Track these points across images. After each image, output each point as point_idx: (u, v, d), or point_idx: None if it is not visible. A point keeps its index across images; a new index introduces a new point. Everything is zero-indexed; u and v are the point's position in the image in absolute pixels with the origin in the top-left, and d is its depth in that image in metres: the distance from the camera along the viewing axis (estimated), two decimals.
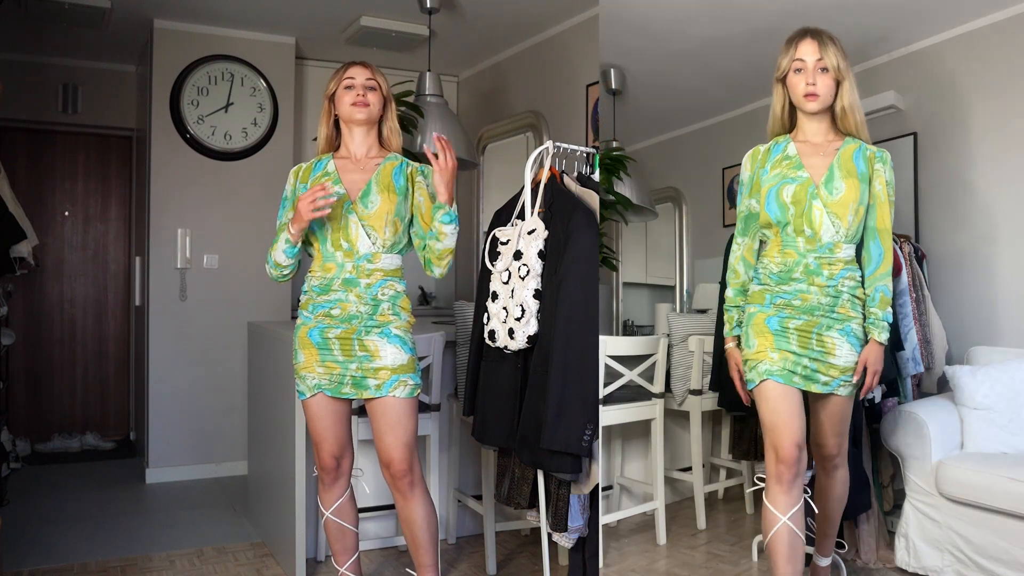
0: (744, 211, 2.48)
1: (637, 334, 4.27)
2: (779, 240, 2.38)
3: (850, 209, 2.30)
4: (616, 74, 4.08)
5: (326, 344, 2.37)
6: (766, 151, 2.44)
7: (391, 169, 2.46)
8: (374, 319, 2.37)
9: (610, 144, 4.06)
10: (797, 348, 2.32)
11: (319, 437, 2.45)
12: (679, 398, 3.63)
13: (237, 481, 4.46)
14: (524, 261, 2.59)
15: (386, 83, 2.51)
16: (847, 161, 2.33)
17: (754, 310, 2.40)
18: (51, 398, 5.42)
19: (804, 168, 2.35)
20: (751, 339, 2.38)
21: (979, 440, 2.98)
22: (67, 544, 3.45)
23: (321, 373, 2.38)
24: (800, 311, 2.33)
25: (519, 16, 4.42)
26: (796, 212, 2.32)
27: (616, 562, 3.19)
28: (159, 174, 4.63)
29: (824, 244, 2.31)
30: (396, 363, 2.37)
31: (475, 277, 3.14)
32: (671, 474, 3.73)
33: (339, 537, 2.55)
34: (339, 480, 2.51)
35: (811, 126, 2.40)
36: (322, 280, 2.40)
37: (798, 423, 2.30)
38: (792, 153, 2.39)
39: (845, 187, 2.30)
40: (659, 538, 3.38)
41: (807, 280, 2.32)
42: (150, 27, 4.59)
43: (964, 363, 3.33)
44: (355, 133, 2.48)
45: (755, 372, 2.35)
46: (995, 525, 2.69)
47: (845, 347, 2.32)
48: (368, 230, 2.37)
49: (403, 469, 2.39)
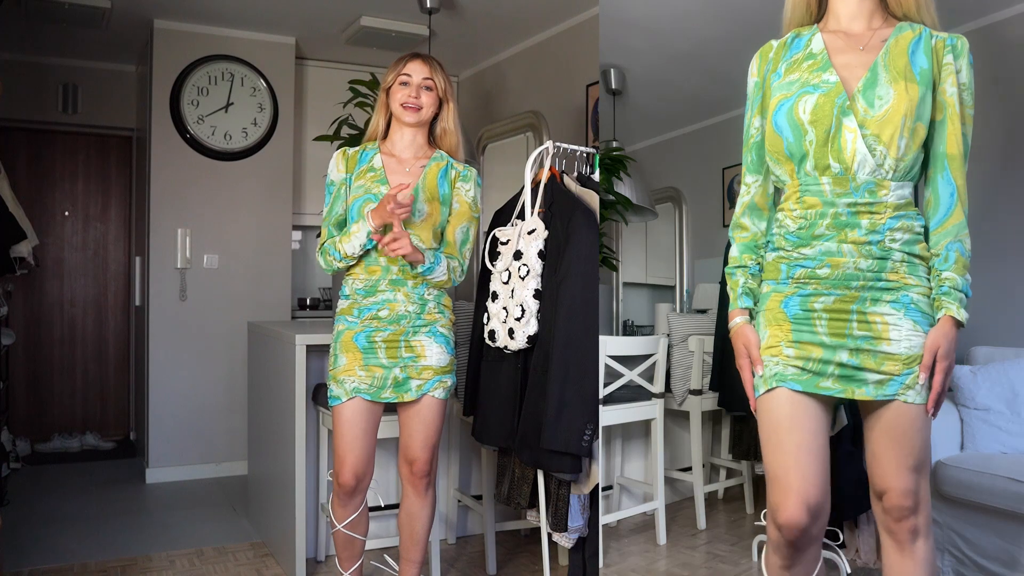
0: (754, 137, 1.80)
1: (637, 334, 4.27)
2: (796, 183, 1.68)
3: (902, 128, 1.59)
4: (616, 74, 4.08)
5: (372, 348, 2.33)
6: (781, 47, 1.77)
7: (436, 173, 2.40)
8: (422, 318, 2.36)
9: (610, 144, 4.06)
10: (828, 338, 1.62)
11: (345, 451, 2.34)
12: (679, 398, 3.63)
13: (237, 481, 4.46)
14: (524, 261, 2.59)
15: (446, 81, 2.39)
16: (899, 56, 1.63)
17: (767, 289, 1.73)
18: (51, 398, 5.41)
19: (833, 69, 1.65)
20: (761, 329, 1.71)
21: (979, 440, 2.98)
22: (67, 544, 3.45)
23: (362, 377, 2.32)
24: (830, 283, 1.63)
25: (519, 16, 4.42)
26: (818, 137, 1.63)
27: (616, 562, 3.19)
28: (159, 174, 4.63)
29: (862, 184, 1.61)
30: (440, 364, 2.37)
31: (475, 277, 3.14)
32: (671, 474, 3.73)
33: (347, 546, 2.49)
34: (355, 498, 2.42)
35: (848, 7, 1.70)
36: (367, 282, 2.35)
37: (815, 467, 1.59)
38: (818, 49, 1.69)
39: (894, 95, 1.59)
40: (659, 538, 3.38)
41: (838, 236, 1.62)
42: (150, 27, 4.59)
43: (964, 363, 3.33)
44: (404, 132, 2.41)
45: (762, 377, 1.67)
46: (995, 525, 2.69)
47: (906, 326, 1.60)
48: (414, 238, 2.31)
49: (426, 469, 2.42)
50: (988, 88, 3.52)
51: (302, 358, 2.98)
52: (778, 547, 1.63)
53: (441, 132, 2.44)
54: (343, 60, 5.20)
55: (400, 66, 2.36)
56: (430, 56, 2.40)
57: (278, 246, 4.89)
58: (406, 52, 2.39)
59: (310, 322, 4.09)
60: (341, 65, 5.20)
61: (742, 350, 1.73)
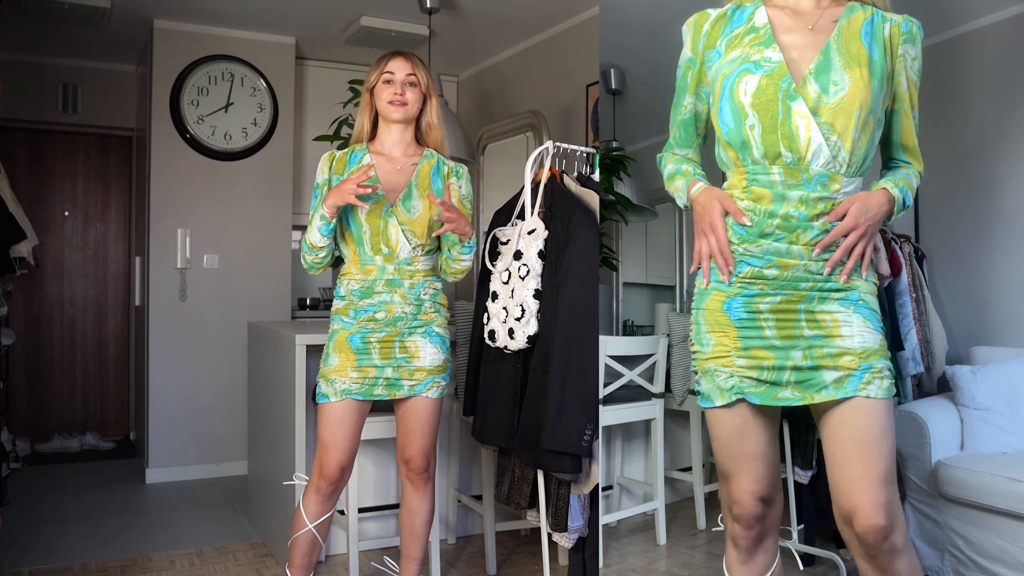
0: (682, 114, 1.73)
1: (637, 334, 4.27)
2: (742, 170, 1.57)
3: (856, 119, 1.50)
4: (616, 74, 4.08)
5: (366, 348, 2.34)
6: (721, 19, 1.64)
7: (429, 170, 2.41)
8: (418, 318, 2.37)
9: (610, 144, 4.06)
10: (778, 340, 1.55)
11: (330, 443, 2.33)
12: (679, 398, 3.63)
13: (237, 481, 4.46)
14: (524, 261, 2.59)
15: (428, 76, 2.41)
16: (852, 39, 1.53)
17: (705, 285, 1.63)
18: (51, 398, 5.41)
19: (777, 46, 1.53)
20: (703, 335, 1.61)
21: (979, 440, 2.98)
22: (67, 544, 3.45)
23: (354, 378, 2.33)
24: (778, 284, 1.54)
25: (519, 16, 4.42)
26: (763, 123, 1.51)
27: (616, 562, 3.19)
28: (159, 174, 4.63)
29: (815, 176, 1.51)
30: (433, 364, 2.38)
31: (475, 277, 3.14)
32: (671, 474, 3.73)
33: (309, 551, 2.40)
34: (335, 494, 2.39)
35: None
36: (363, 283, 2.34)
37: (767, 469, 1.62)
38: (761, 23, 1.57)
39: (849, 82, 1.50)
40: (659, 538, 3.38)
41: (788, 238, 1.53)
42: (150, 27, 4.59)
43: (964, 363, 3.33)
44: (392, 129, 2.42)
45: (714, 385, 1.59)
46: (995, 525, 2.69)
47: (857, 322, 1.55)
48: (409, 235, 2.33)
49: (423, 466, 2.44)
50: (990, 86, 3.52)
51: (302, 358, 2.98)
52: (736, 540, 1.65)
53: (426, 127, 2.45)
54: (343, 60, 5.20)
55: (382, 64, 2.38)
56: (411, 53, 2.43)
57: (278, 246, 4.89)
58: (387, 51, 2.42)
59: (310, 322, 4.09)
60: (341, 65, 5.21)
61: (708, 225, 1.58)
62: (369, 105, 2.43)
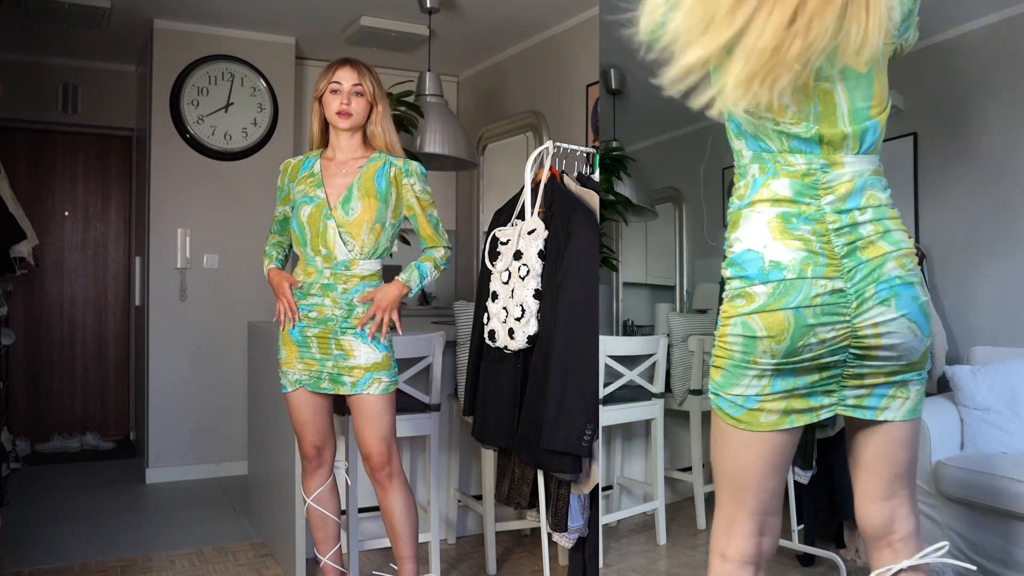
0: None
1: (637, 334, 4.27)
2: None
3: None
4: (616, 74, 4.08)
5: (305, 342, 2.44)
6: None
7: (373, 172, 2.45)
8: (348, 321, 2.42)
9: (610, 144, 4.06)
10: None
11: (300, 428, 2.53)
12: (679, 398, 3.63)
13: (237, 481, 4.46)
14: (524, 261, 2.59)
15: (374, 84, 2.46)
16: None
17: None
18: (51, 398, 5.41)
19: None
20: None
21: (979, 440, 2.98)
22: (67, 544, 3.45)
23: (301, 369, 2.46)
24: None
25: (519, 16, 4.42)
26: None
27: (616, 562, 3.19)
28: (159, 174, 4.63)
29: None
30: (369, 362, 2.41)
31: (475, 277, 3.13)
32: (671, 474, 3.73)
33: (320, 526, 2.61)
34: (321, 468, 2.58)
35: None
36: (304, 284, 2.45)
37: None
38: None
39: None
40: (659, 538, 3.38)
41: None
42: (150, 27, 4.59)
43: (964, 363, 3.33)
44: (340, 136, 2.49)
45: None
46: (995, 525, 2.69)
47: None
48: (345, 237, 2.40)
49: (381, 462, 2.46)
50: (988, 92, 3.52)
51: None
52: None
53: (371, 135, 2.50)
54: None
55: (330, 74, 2.44)
56: (358, 61, 2.48)
57: None
58: (336, 59, 2.49)
59: None
60: None
61: None
62: (318, 113, 2.51)
